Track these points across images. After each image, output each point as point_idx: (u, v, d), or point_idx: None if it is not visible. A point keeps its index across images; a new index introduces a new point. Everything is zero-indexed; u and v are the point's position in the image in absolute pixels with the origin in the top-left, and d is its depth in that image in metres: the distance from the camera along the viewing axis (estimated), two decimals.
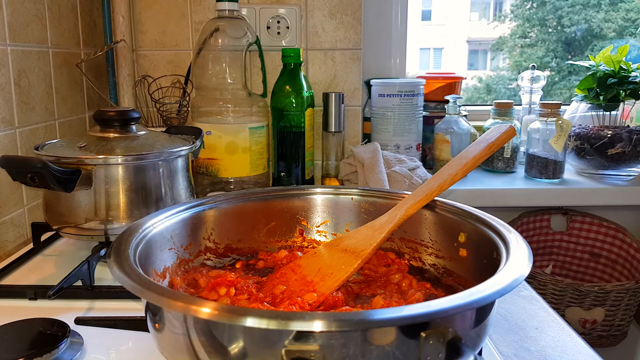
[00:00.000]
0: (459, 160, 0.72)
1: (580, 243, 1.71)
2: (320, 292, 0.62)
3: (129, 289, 0.48)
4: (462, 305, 0.44)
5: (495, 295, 0.46)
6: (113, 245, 0.58)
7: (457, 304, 0.44)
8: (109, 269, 0.53)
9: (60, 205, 0.87)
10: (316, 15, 1.47)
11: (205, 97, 1.28)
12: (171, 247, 0.69)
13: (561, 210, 1.72)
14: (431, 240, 0.74)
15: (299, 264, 0.71)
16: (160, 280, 0.64)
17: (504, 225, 0.64)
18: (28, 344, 0.62)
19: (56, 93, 1.20)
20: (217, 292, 0.65)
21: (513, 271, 0.50)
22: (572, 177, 1.60)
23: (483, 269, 0.61)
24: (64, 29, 1.24)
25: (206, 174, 1.27)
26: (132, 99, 1.43)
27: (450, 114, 1.56)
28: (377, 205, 0.79)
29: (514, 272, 0.50)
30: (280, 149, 1.35)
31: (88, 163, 0.84)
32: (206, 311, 0.43)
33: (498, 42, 3.76)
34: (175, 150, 0.91)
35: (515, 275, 0.49)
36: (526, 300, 0.82)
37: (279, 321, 0.41)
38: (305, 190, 0.83)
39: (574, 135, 1.58)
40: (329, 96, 1.39)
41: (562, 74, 2.98)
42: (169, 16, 1.46)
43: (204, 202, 0.76)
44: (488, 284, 0.47)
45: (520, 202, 1.52)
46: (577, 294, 1.49)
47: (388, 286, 0.69)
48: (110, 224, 0.86)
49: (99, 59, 1.38)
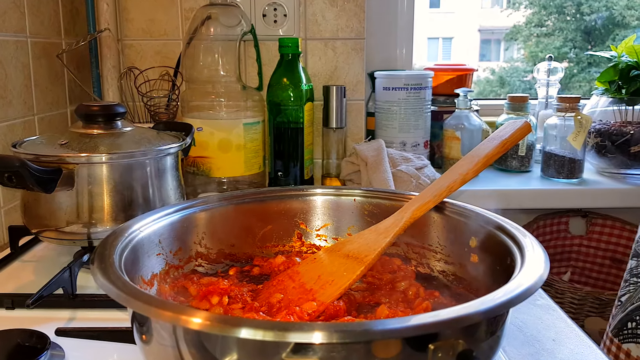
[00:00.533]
0: (469, 158, 0.72)
1: (600, 248, 1.71)
2: (320, 301, 0.62)
3: (114, 298, 0.48)
4: (474, 314, 0.44)
5: (509, 305, 0.46)
6: (97, 251, 0.58)
7: (468, 313, 0.44)
8: (92, 276, 0.53)
9: (39, 207, 0.87)
10: (316, 2, 1.47)
11: (196, 90, 1.28)
12: (159, 252, 0.69)
13: (580, 212, 1.72)
14: (440, 245, 0.74)
15: (298, 271, 0.71)
16: (147, 288, 0.64)
17: (519, 229, 0.64)
18: (5, 356, 0.62)
19: (35, 86, 1.20)
20: (209, 300, 0.65)
21: (528, 278, 0.50)
22: (592, 177, 1.60)
23: (496, 275, 0.61)
24: (44, 17, 1.24)
25: (197, 174, 1.27)
26: (117, 93, 1.43)
27: (461, 108, 1.56)
28: (382, 207, 0.79)
29: (529, 279, 0.50)
30: (277, 147, 1.35)
31: (70, 162, 0.84)
32: (197, 321, 0.43)
33: (512, 31, 3.76)
34: (163, 148, 0.91)
35: (530, 282, 0.49)
36: (542, 310, 0.82)
37: (275, 332, 0.41)
38: (304, 191, 0.83)
39: (594, 132, 1.58)
40: (329, 89, 1.39)
41: (582, 66, 2.98)
42: (157, 3, 1.46)
43: (194, 203, 0.76)
44: (501, 292, 0.47)
45: (536, 204, 1.52)
46: (598, 303, 1.49)
47: (393, 294, 0.69)
48: (93, 227, 0.86)
49: (81, 49, 1.38)
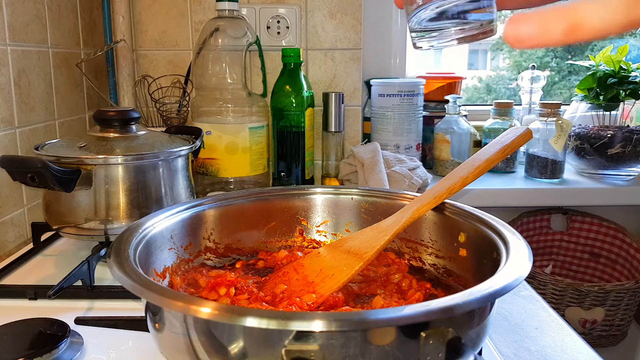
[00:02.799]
0: (471, 162, 0.71)
1: (580, 243, 1.71)
2: (319, 294, 0.62)
3: (129, 289, 0.48)
4: (462, 304, 0.44)
5: (495, 295, 0.46)
6: (113, 245, 0.58)
7: (457, 303, 0.44)
8: (109, 269, 0.53)
9: (60, 205, 0.87)
10: (316, 15, 1.47)
11: (205, 97, 1.28)
12: (171, 247, 0.69)
13: (561, 210, 1.72)
14: (431, 240, 0.74)
15: (302, 264, 0.71)
16: (160, 280, 0.64)
17: (504, 225, 0.64)
18: (28, 343, 0.62)
19: (56, 93, 1.20)
20: (217, 292, 0.65)
21: (513, 271, 0.50)
22: (572, 177, 1.60)
23: (483, 268, 0.61)
24: (64, 29, 1.24)
25: (206, 174, 1.27)
26: (132, 99, 1.43)
27: (450, 113, 1.56)
28: (377, 205, 0.79)
29: (514, 272, 0.50)
30: (280, 149, 1.35)
31: (88, 163, 0.84)
32: (206, 311, 0.43)
33: (498, 42, 3.75)
34: (175, 150, 0.91)
35: (515, 275, 0.49)
36: (526, 300, 0.82)
37: (278, 321, 0.41)
38: (305, 190, 0.83)
39: (574, 135, 1.58)
40: (328, 96, 1.39)
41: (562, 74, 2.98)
42: (169, 16, 1.46)
43: (203, 202, 0.76)
44: (488, 284, 0.47)
45: (520, 202, 1.52)
46: (577, 294, 1.49)
47: (388, 286, 0.69)
48: (110, 223, 0.86)
49: (98, 59, 1.38)
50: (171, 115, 1.35)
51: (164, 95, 1.40)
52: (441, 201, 0.70)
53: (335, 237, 0.81)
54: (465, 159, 1.01)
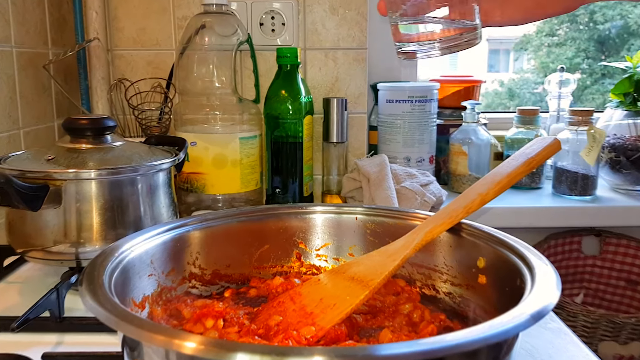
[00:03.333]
0: (491, 177, 0.71)
1: (615, 269, 1.71)
2: (319, 326, 0.62)
3: (104, 321, 0.49)
4: (482, 339, 0.44)
5: (518, 328, 0.46)
6: (85, 271, 0.58)
7: (476, 337, 0.44)
8: (80, 298, 0.53)
9: (25, 225, 0.87)
10: (315, 10, 1.48)
11: (189, 103, 1.28)
12: (151, 273, 0.69)
13: (593, 231, 1.72)
14: (446, 266, 0.74)
15: (300, 292, 0.71)
16: (138, 310, 0.64)
17: (529, 249, 0.64)
18: None
19: (20, 98, 1.20)
20: (203, 324, 0.65)
21: (539, 300, 0.50)
22: (605, 194, 1.60)
23: (505, 297, 0.62)
24: (30, 26, 1.25)
25: (191, 191, 1.27)
26: (106, 105, 1.43)
27: (468, 122, 1.57)
28: (385, 226, 0.79)
29: (540, 302, 0.50)
30: (275, 162, 1.35)
31: (57, 178, 0.84)
32: (191, 346, 0.43)
33: (522, 40, 3.77)
34: (155, 164, 0.91)
35: (541, 305, 0.49)
36: (554, 334, 0.82)
37: (273, 357, 0.41)
38: (303, 209, 0.83)
39: (608, 147, 1.58)
40: (330, 102, 1.39)
41: (595, 77, 2.99)
42: (148, 11, 1.47)
43: (188, 222, 0.76)
44: (511, 315, 0.47)
45: (547, 222, 1.52)
46: (612, 327, 1.49)
47: (397, 317, 0.69)
48: (82, 247, 0.87)
49: (69, 60, 1.39)
50: (151, 124, 1.36)
51: (143, 101, 1.40)
52: (457, 221, 0.70)
53: (337, 262, 0.82)
54: (485, 174, 1.01)
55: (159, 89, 1.43)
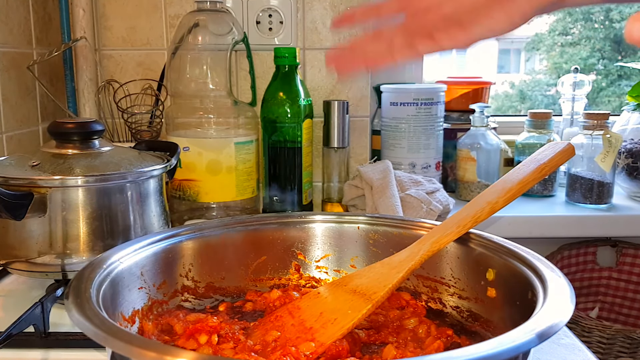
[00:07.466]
0: (501, 185, 0.71)
1: (632, 281, 1.71)
2: (319, 342, 0.62)
3: (91, 337, 0.49)
4: (491, 356, 0.44)
5: (530, 344, 0.46)
6: (72, 284, 0.58)
7: (485, 354, 0.44)
8: (67, 312, 0.53)
9: (8, 235, 0.87)
10: (315, 7, 1.48)
11: (182, 106, 1.29)
12: (141, 286, 0.69)
13: (609, 241, 1.72)
14: (453, 278, 0.74)
15: (299, 306, 0.71)
16: (128, 325, 0.64)
17: (541, 260, 0.64)
18: None
19: (3, 101, 1.21)
20: (197, 339, 0.65)
21: (551, 315, 0.51)
22: (622, 202, 1.60)
23: (515, 312, 0.62)
24: (13, 25, 1.25)
25: (183, 199, 1.27)
26: (94, 108, 1.43)
27: (477, 126, 1.57)
28: (389, 236, 0.80)
29: (552, 316, 0.50)
30: (272, 169, 1.35)
31: (41, 185, 0.84)
32: None
33: (534, 40, 3.77)
34: (146, 170, 0.92)
35: (554, 319, 0.50)
36: (567, 350, 0.82)
37: None
38: (302, 218, 0.83)
39: (624, 152, 1.59)
40: (330, 105, 1.39)
41: (611, 78, 2.99)
42: (139, 9, 1.47)
43: (181, 232, 0.76)
44: (522, 331, 0.47)
45: (561, 232, 1.52)
46: (629, 343, 1.49)
47: (402, 333, 0.69)
48: (68, 258, 0.87)
49: (54, 60, 1.39)
50: (141, 128, 1.36)
51: (133, 104, 1.40)
52: (465, 231, 0.70)
53: (338, 274, 0.82)
54: (495, 181, 1.01)
55: (150, 91, 1.43)
